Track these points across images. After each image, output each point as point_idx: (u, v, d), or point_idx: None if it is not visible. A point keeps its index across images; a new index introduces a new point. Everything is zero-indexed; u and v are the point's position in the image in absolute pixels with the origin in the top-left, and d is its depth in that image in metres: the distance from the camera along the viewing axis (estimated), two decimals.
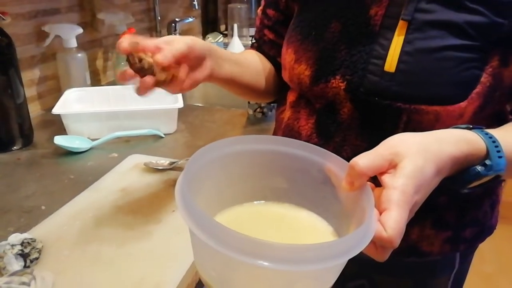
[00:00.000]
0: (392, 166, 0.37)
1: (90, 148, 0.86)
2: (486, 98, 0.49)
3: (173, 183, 0.72)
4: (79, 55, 1.07)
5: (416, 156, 0.37)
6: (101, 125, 0.89)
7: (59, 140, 0.83)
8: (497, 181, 0.43)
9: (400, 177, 0.36)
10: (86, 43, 1.17)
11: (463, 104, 0.48)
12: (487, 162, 0.41)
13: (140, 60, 0.48)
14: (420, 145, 0.38)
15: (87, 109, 0.93)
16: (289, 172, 0.45)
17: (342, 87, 0.53)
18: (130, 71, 0.49)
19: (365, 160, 0.36)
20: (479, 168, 0.41)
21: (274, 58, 0.70)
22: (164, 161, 0.77)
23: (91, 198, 0.67)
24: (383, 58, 0.50)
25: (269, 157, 0.45)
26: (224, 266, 0.36)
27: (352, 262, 0.57)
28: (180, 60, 0.51)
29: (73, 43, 1.05)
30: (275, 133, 0.69)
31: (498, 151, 0.41)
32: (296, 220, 0.45)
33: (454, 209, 0.57)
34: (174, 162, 0.76)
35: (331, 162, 0.41)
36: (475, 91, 0.48)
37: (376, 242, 0.34)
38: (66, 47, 1.04)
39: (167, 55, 0.48)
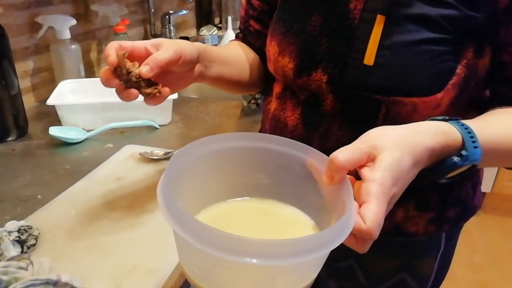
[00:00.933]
0: (370, 159, 0.38)
1: (85, 139, 0.86)
2: (462, 88, 0.51)
3: None
4: (73, 46, 1.07)
5: (393, 149, 0.38)
6: (95, 116, 0.89)
7: (54, 131, 0.83)
8: (473, 170, 0.44)
9: (378, 170, 0.37)
10: (79, 34, 1.17)
11: (439, 95, 0.50)
12: (463, 152, 0.42)
13: (128, 72, 0.48)
14: (397, 138, 0.39)
15: (82, 100, 0.93)
16: (271, 168, 0.46)
17: (324, 80, 0.54)
18: (114, 75, 0.49)
19: (344, 154, 0.37)
20: (455, 158, 0.42)
21: (260, 48, 0.70)
22: (159, 151, 0.77)
23: (87, 188, 0.68)
24: (362, 51, 0.51)
25: (252, 154, 0.46)
26: (207, 264, 0.37)
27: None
28: (167, 68, 0.51)
29: (67, 35, 1.04)
30: (262, 124, 0.70)
31: (474, 142, 0.42)
32: (279, 215, 0.46)
33: (437, 191, 0.59)
34: (169, 152, 0.77)
35: (313, 157, 0.43)
36: (450, 82, 0.50)
37: (356, 234, 0.35)
38: (59, 38, 1.04)
39: (152, 67, 0.49)
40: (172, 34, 1.50)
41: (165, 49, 0.51)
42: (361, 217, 0.35)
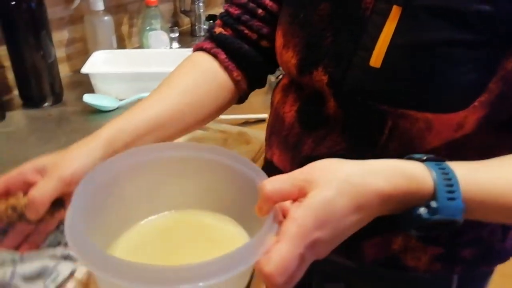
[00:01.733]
0: (302, 194, 0.33)
1: (118, 108, 0.88)
2: (494, 107, 0.40)
3: (197, 140, 0.74)
4: (106, 18, 1.09)
5: (328, 186, 0.33)
6: (127, 86, 0.91)
7: (88, 98, 0.86)
8: (454, 227, 0.35)
9: (301, 208, 0.32)
10: (112, 7, 1.19)
11: (462, 113, 0.40)
12: (433, 204, 0.34)
13: (14, 208, 0.39)
14: (339, 174, 0.34)
15: (115, 70, 0.96)
16: (205, 178, 0.43)
17: (324, 81, 0.46)
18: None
19: (272, 184, 0.33)
20: (421, 210, 0.34)
21: (265, 37, 0.55)
22: None
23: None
24: (370, 50, 0.42)
25: (182, 165, 0.43)
26: None
27: (330, 264, 0.54)
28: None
29: (100, 6, 1.06)
30: (269, 115, 0.62)
31: (451, 192, 0.34)
32: (209, 228, 0.44)
33: None
34: None
35: (251, 170, 0.40)
36: (479, 99, 0.39)
37: (258, 275, 0.31)
38: (93, 9, 1.06)
39: (32, 215, 0.39)
40: (201, 10, 1.50)
41: (44, 181, 0.40)
42: (267, 257, 0.30)
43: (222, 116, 0.79)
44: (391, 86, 0.42)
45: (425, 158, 0.37)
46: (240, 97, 0.58)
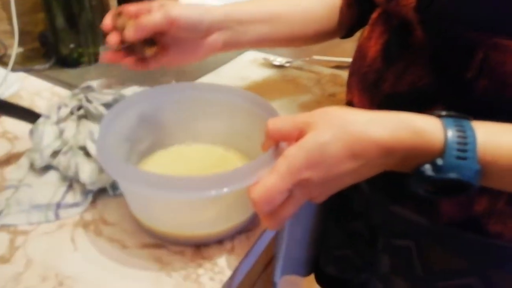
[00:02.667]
0: (301, 135, 0.34)
1: None
2: None
3: (291, 79, 0.73)
4: None
5: (324, 130, 0.33)
6: None
7: None
8: (472, 192, 0.32)
9: (295, 147, 0.33)
10: None
11: None
12: (438, 161, 0.32)
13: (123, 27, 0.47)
14: (340, 120, 0.33)
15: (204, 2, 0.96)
16: (231, 119, 0.48)
17: (411, 5, 0.42)
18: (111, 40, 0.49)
19: (275, 122, 0.35)
20: (426, 166, 0.32)
21: None
22: (281, 59, 0.78)
23: (214, 81, 0.71)
24: None
25: (216, 106, 0.48)
26: (144, 202, 0.41)
27: (399, 220, 0.51)
28: (158, 32, 0.48)
29: None
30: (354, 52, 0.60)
31: (462, 151, 0.31)
32: (226, 162, 0.49)
33: None
34: (291, 61, 0.77)
35: (260, 108, 0.44)
36: None
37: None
38: None
39: (135, 31, 0.46)
40: None
41: (155, 12, 0.47)
42: (256, 185, 0.33)
43: (315, 57, 0.77)
44: (486, 6, 0.36)
45: (444, 114, 0.34)
46: (343, 30, 0.60)
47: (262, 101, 0.45)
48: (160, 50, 0.52)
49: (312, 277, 0.86)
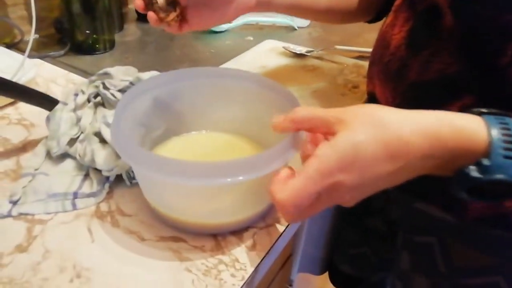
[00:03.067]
0: (331, 132, 0.31)
1: (226, 30, 0.87)
2: None
3: (311, 68, 0.70)
4: None
5: (358, 130, 0.30)
6: None
7: None
8: None
9: (327, 147, 0.30)
10: None
11: None
12: (484, 162, 0.29)
13: None
14: (374, 119, 0.30)
15: None
16: (234, 103, 0.47)
17: None
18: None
19: (306, 111, 0.33)
20: (470, 168, 0.30)
21: None
22: (301, 49, 0.75)
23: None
24: None
25: (234, 92, 0.47)
26: (157, 188, 0.40)
27: (423, 216, 0.49)
28: None
29: None
30: (375, 41, 0.59)
31: (509, 149, 0.29)
32: (241, 150, 0.48)
33: None
34: (311, 51, 0.74)
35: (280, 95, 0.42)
36: None
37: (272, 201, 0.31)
38: None
39: None
40: None
41: None
42: (282, 186, 0.30)
43: (337, 47, 0.75)
44: None
45: (485, 111, 0.31)
46: (372, 13, 0.58)
47: (282, 89, 0.43)
48: (182, 13, 0.50)
49: (325, 276, 0.85)
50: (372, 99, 0.52)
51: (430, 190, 0.47)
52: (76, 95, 0.50)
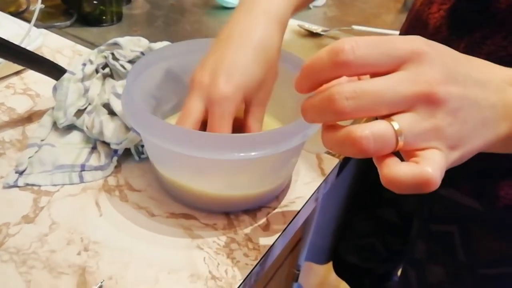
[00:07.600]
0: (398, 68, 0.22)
1: None
2: None
3: None
4: None
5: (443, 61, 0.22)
6: None
7: None
8: None
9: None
10: None
11: None
12: None
13: None
14: (453, 52, 0.24)
15: None
16: None
17: None
18: None
19: (359, 43, 0.21)
20: None
21: None
22: (316, 27, 0.73)
23: None
24: None
25: None
26: (168, 157, 0.38)
27: (444, 202, 0.47)
28: None
29: None
30: (403, 25, 0.54)
31: None
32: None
33: None
34: (327, 30, 0.72)
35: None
36: None
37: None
38: None
39: None
40: None
41: None
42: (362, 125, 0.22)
43: (354, 27, 0.72)
44: None
45: None
46: None
47: (297, 59, 0.41)
48: None
49: (329, 265, 0.84)
50: None
51: (457, 176, 0.45)
52: (84, 65, 0.48)
